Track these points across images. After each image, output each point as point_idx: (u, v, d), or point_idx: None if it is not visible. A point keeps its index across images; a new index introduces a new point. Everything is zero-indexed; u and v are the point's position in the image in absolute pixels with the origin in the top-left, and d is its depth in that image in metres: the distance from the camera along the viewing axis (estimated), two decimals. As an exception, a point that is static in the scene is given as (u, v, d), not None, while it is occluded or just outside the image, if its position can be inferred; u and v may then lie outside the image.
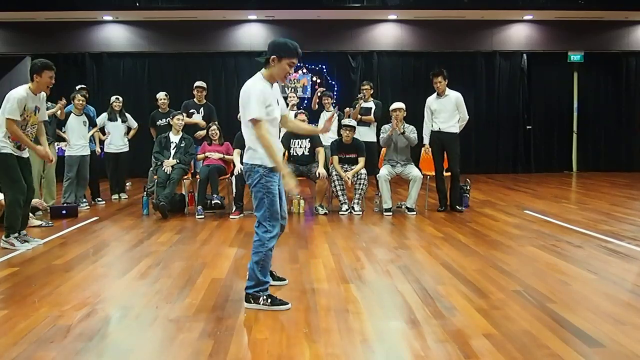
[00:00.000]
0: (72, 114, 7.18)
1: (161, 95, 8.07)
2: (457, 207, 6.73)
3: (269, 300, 3.23)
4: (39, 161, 6.70)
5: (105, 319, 3.11)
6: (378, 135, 7.27)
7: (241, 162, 6.84)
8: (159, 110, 8.03)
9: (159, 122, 7.94)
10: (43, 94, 5.04)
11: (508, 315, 3.08)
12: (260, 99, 3.16)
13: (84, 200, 7.36)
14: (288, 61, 3.22)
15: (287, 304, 3.25)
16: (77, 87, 7.75)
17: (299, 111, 7.11)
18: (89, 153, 7.34)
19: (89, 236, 5.52)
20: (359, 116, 7.47)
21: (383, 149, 7.01)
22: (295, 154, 6.82)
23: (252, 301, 3.24)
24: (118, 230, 5.86)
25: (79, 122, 7.19)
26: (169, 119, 7.75)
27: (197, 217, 6.48)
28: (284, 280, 3.75)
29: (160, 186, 6.62)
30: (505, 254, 4.59)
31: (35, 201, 6.24)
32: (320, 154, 6.74)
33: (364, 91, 7.61)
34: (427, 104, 6.89)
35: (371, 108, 7.55)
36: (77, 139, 7.15)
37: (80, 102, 7.20)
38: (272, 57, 3.21)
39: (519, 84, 11.99)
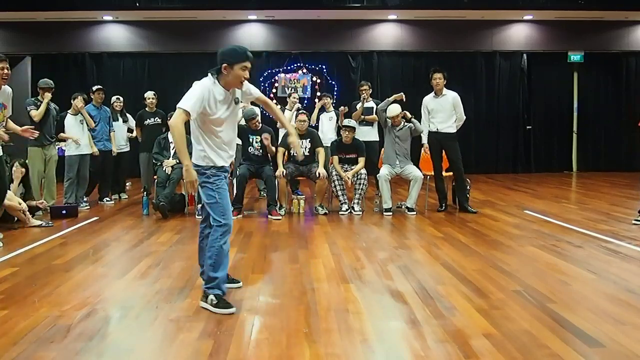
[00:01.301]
0: (68, 114, 7.19)
1: (149, 94, 8.06)
2: (469, 208, 6.65)
3: (215, 302, 3.20)
4: (39, 161, 6.72)
5: (105, 319, 3.11)
6: (380, 133, 7.30)
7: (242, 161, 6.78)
8: (147, 109, 8.04)
9: (147, 122, 7.95)
10: (8, 90, 5.01)
11: (508, 315, 3.08)
12: (198, 94, 3.18)
13: (84, 200, 7.37)
14: (240, 66, 3.23)
15: (231, 307, 3.19)
16: (94, 88, 7.77)
17: (301, 111, 7.10)
18: (90, 153, 7.35)
19: (89, 236, 5.52)
20: (362, 117, 7.46)
21: (382, 149, 7.00)
22: (295, 153, 6.80)
23: (204, 299, 3.25)
24: (118, 230, 5.86)
25: (76, 122, 7.21)
26: (157, 118, 7.86)
27: (197, 217, 6.48)
28: (238, 282, 3.72)
29: (160, 186, 6.62)
30: (505, 254, 4.59)
31: (34, 201, 6.25)
32: (320, 154, 6.74)
33: (364, 92, 7.60)
34: (424, 103, 6.87)
35: (372, 107, 7.54)
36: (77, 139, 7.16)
37: (79, 103, 7.21)
38: (224, 65, 3.22)
39: (519, 84, 11.99)
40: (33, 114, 6.55)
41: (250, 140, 6.65)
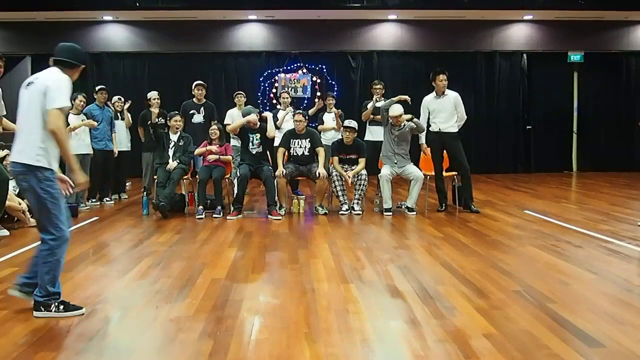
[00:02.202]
0: (70, 113, 7.19)
1: (154, 94, 8.05)
2: (473, 207, 6.63)
3: (62, 307, 3.10)
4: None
5: (105, 319, 3.11)
6: None
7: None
8: (150, 109, 8.03)
9: (150, 122, 7.95)
10: None
11: (508, 315, 3.08)
12: (69, 91, 3.13)
13: (92, 201, 7.41)
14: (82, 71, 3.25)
15: (80, 308, 3.14)
16: (97, 88, 7.79)
17: (297, 111, 7.08)
18: (91, 152, 7.36)
19: (89, 236, 5.52)
20: (371, 116, 7.43)
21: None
22: (295, 153, 6.81)
23: (43, 309, 3.09)
24: (118, 230, 5.85)
25: (78, 122, 7.21)
26: (161, 118, 7.84)
27: (197, 217, 6.47)
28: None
29: (160, 186, 6.61)
30: (505, 254, 4.59)
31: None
32: (320, 154, 6.73)
33: (377, 90, 7.56)
34: (424, 104, 6.86)
35: None
36: (77, 138, 7.16)
37: (81, 102, 7.22)
38: (81, 67, 3.21)
39: (519, 84, 11.99)
40: None
41: (250, 138, 6.67)
